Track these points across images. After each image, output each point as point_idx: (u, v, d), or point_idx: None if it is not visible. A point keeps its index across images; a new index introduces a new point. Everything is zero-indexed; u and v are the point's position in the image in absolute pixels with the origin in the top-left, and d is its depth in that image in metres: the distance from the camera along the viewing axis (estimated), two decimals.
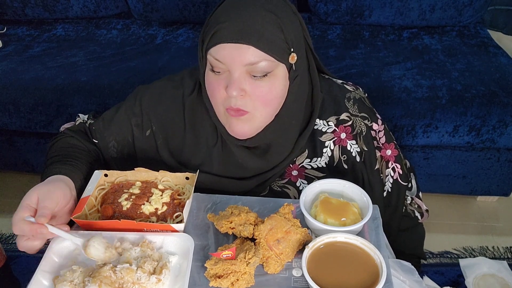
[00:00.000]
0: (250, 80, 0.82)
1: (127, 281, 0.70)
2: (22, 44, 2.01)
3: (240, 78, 0.81)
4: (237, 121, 0.86)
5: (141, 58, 1.87)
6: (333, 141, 0.97)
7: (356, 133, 0.97)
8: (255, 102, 0.83)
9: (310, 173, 0.97)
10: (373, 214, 0.83)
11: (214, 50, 0.81)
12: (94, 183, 0.88)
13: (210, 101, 0.89)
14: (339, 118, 0.97)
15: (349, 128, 0.97)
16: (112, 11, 2.16)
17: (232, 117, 0.85)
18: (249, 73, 0.81)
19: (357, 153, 0.97)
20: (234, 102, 0.83)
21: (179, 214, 0.84)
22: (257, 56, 0.79)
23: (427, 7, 1.96)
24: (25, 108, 1.69)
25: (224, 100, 0.84)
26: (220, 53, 0.80)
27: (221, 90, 0.83)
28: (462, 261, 1.57)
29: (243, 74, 0.81)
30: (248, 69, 0.81)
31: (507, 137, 1.60)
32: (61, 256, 0.77)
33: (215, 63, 0.82)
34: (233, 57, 0.79)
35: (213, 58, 0.81)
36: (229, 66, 0.81)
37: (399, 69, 1.75)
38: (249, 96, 0.82)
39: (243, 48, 0.79)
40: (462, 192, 1.85)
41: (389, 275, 0.73)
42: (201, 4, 2.03)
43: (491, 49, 1.88)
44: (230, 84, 0.81)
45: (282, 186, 0.97)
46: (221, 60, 0.81)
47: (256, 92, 0.82)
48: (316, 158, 0.96)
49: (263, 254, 0.75)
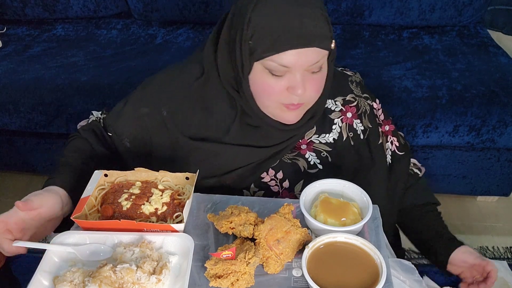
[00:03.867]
0: (309, 76, 0.86)
1: (127, 281, 0.70)
2: (22, 44, 2.00)
3: (303, 77, 0.84)
4: (290, 112, 0.90)
5: (141, 58, 1.87)
6: (341, 119, 1.02)
7: (361, 112, 1.04)
8: (311, 94, 0.89)
9: (318, 147, 1.01)
10: (373, 214, 0.83)
11: (278, 57, 0.81)
12: (94, 183, 0.88)
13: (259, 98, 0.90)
14: (345, 98, 1.03)
15: (354, 108, 1.03)
16: (112, 11, 2.16)
17: (286, 109, 0.90)
18: (307, 70, 0.85)
19: (361, 131, 1.03)
20: (295, 99, 0.87)
21: (179, 214, 0.84)
22: (320, 55, 0.83)
23: (427, 7, 1.96)
24: (25, 108, 1.69)
25: (283, 98, 0.87)
26: (287, 59, 0.81)
27: (280, 90, 0.86)
28: None
29: (303, 73, 0.84)
30: (308, 68, 0.84)
31: (507, 137, 1.60)
32: (61, 256, 0.77)
33: (279, 68, 0.83)
34: (299, 61, 0.82)
35: (277, 64, 0.82)
36: (294, 69, 0.83)
37: (399, 69, 1.75)
38: (307, 90, 0.86)
39: (309, 51, 0.82)
40: (462, 192, 1.85)
41: (389, 275, 0.73)
42: (201, 4, 2.03)
43: (491, 49, 1.88)
44: (295, 85, 0.84)
45: (292, 158, 1.00)
46: (287, 65, 0.82)
47: (313, 85, 0.87)
48: (325, 134, 1.01)
49: (263, 254, 0.75)
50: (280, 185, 1.00)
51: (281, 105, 0.89)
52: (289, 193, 1.00)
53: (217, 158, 0.97)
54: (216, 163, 0.98)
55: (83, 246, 0.78)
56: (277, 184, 1.00)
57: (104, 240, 0.79)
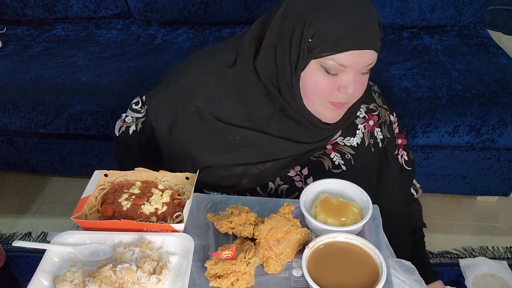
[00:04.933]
0: (359, 76, 0.88)
1: (127, 281, 0.70)
2: (22, 44, 2.00)
3: (355, 77, 0.87)
4: (334, 110, 0.92)
5: (141, 58, 1.87)
6: (364, 126, 1.05)
7: (382, 122, 1.07)
8: (357, 93, 0.91)
9: (343, 148, 1.03)
10: (373, 214, 0.82)
11: (338, 56, 0.83)
12: (94, 183, 0.88)
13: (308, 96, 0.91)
14: (369, 107, 1.06)
15: (375, 117, 1.06)
16: (112, 11, 2.16)
17: (332, 108, 0.91)
18: (360, 71, 0.87)
19: (380, 140, 1.06)
20: (344, 98, 0.89)
21: (179, 214, 0.84)
22: (374, 57, 0.87)
23: (427, 7, 1.96)
24: (25, 108, 1.69)
25: (332, 96, 0.89)
26: (347, 59, 0.83)
27: (332, 89, 0.88)
28: (462, 261, 1.57)
29: (356, 73, 0.87)
30: (362, 68, 0.87)
31: (507, 137, 1.60)
32: (61, 256, 0.77)
33: (336, 67, 0.85)
34: (357, 61, 0.85)
35: (335, 63, 0.84)
36: (349, 69, 0.85)
37: (399, 69, 1.75)
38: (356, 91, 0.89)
39: (367, 53, 0.85)
40: (462, 192, 1.85)
41: (389, 275, 0.73)
42: (201, 4, 2.03)
43: (491, 49, 1.88)
44: (347, 84, 0.86)
45: (318, 156, 1.02)
46: (345, 64, 0.84)
47: (361, 86, 0.90)
48: (350, 137, 1.03)
49: (263, 254, 0.75)
50: (304, 181, 1.01)
51: (327, 103, 0.91)
52: None
53: (254, 147, 0.98)
54: (251, 152, 0.98)
55: (83, 246, 0.78)
56: (301, 180, 1.01)
57: (104, 240, 0.79)
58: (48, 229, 1.83)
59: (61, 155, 1.88)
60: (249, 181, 1.00)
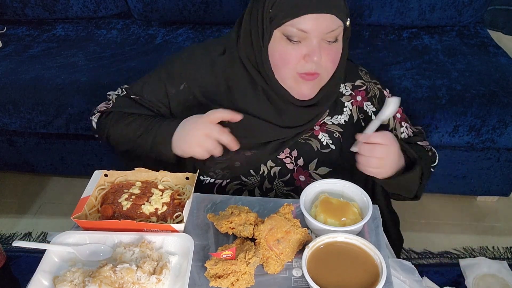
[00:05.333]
0: (324, 45, 0.89)
1: (127, 281, 0.70)
2: (22, 44, 2.00)
3: (319, 45, 0.88)
4: (306, 84, 0.93)
5: (141, 58, 1.87)
6: (351, 102, 1.06)
7: (371, 95, 1.07)
8: (327, 64, 0.92)
9: (331, 127, 1.04)
10: (373, 214, 0.83)
11: (297, 21, 0.86)
12: (94, 183, 0.88)
13: (278, 69, 0.93)
14: (354, 84, 1.07)
15: (363, 92, 1.07)
16: (112, 11, 2.16)
17: (302, 81, 0.92)
18: (323, 39, 0.89)
19: (372, 113, 1.07)
20: (311, 67, 0.90)
21: (179, 214, 0.84)
22: (336, 23, 0.88)
23: (427, 7, 1.96)
24: (25, 108, 1.69)
25: (299, 66, 0.90)
26: (305, 23, 0.86)
27: (297, 58, 0.89)
28: (462, 261, 1.57)
29: (320, 41, 0.88)
30: (325, 35, 0.88)
31: (507, 137, 1.60)
32: (61, 256, 0.77)
33: (296, 33, 0.87)
34: (317, 26, 0.86)
35: (295, 29, 0.86)
36: (310, 35, 0.87)
37: (399, 69, 1.75)
38: (322, 59, 0.90)
39: (326, 17, 0.86)
40: (462, 192, 1.85)
41: (389, 275, 0.73)
42: (201, 4, 2.03)
43: (491, 49, 1.88)
44: (311, 51, 0.88)
45: (306, 138, 1.03)
46: (306, 30, 0.86)
47: (328, 55, 0.91)
48: (337, 115, 1.05)
49: (263, 254, 0.75)
50: (295, 162, 1.03)
51: (297, 76, 0.92)
52: (304, 171, 1.03)
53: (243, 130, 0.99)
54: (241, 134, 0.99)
55: (83, 246, 0.78)
56: (292, 162, 1.03)
57: (104, 240, 0.79)
58: (48, 229, 1.83)
59: (61, 155, 1.88)
60: (242, 164, 1.01)
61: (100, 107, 1.13)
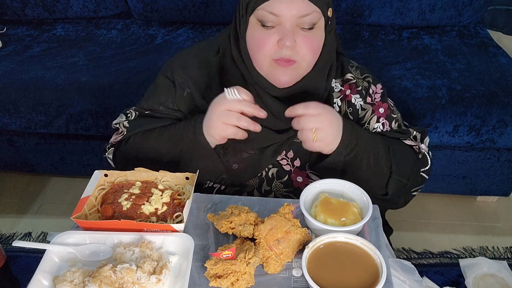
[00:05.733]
0: (300, 32, 0.89)
1: (127, 281, 0.70)
2: (22, 44, 2.00)
3: (293, 29, 0.88)
4: (284, 70, 0.92)
5: (141, 58, 1.87)
6: (340, 98, 1.05)
7: (361, 89, 1.05)
8: (303, 51, 0.90)
9: None
10: (373, 214, 0.83)
11: (268, 5, 0.87)
12: (94, 183, 0.88)
13: (254, 55, 0.93)
14: (344, 78, 1.06)
15: (353, 85, 1.05)
16: (112, 11, 2.16)
17: (279, 67, 0.92)
18: (298, 25, 0.88)
19: (360, 107, 1.05)
20: (285, 53, 0.89)
21: (179, 214, 0.84)
22: (309, 8, 0.87)
23: (427, 7, 1.96)
24: (25, 108, 1.69)
25: (274, 52, 0.90)
26: (276, 6, 0.86)
27: (270, 42, 0.89)
28: (462, 261, 1.57)
29: (294, 26, 0.88)
30: (299, 21, 0.88)
31: (507, 137, 1.60)
32: (61, 256, 0.77)
33: (269, 17, 0.87)
34: (288, 9, 0.86)
35: (267, 13, 0.87)
36: (283, 19, 0.87)
37: (399, 69, 1.75)
38: (298, 46, 0.89)
39: (298, 1, 0.86)
40: (462, 192, 1.85)
41: (389, 275, 0.73)
42: (201, 4, 2.03)
43: (491, 49, 1.88)
44: (284, 36, 0.87)
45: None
46: (277, 13, 0.86)
47: (305, 42, 0.90)
48: None
49: (263, 254, 0.75)
50: (291, 163, 1.02)
51: (272, 63, 0.92)
52: (301, 172, 1.02)
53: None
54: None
55: (83, 246, 0.78)
56: (289, 163, 1.02)
57: (104, 240, 0.79)
58: (48, 229, 1.83)
59: (61, 155, 1.88)
60: (240, 166, 1.01)
61: (114, 139, 1.07)
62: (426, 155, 1.06)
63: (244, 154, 1.02)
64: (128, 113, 1.09)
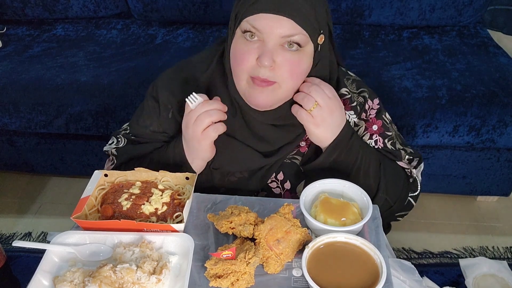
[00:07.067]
0: (282, 52, 0.84)
1: (127, 281, 0.70)
2: (22, 44, 2.00)
3: (274, 48, 0.84)
4: (260, 91, 0.88)
5: (141, 58, 1.87)
6: None
7: (355, 105, 1.00)
8: (283, 73, 0.86)
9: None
10: (373, 214, 0.83)
11: (253, 18, 0.83)
12: (94, 183, 0.88)
13: (233, 69, 0.90)
14: (338, 92, 0.99)
15: (347, 101, 1.00)
16: (112, 11, 2.16)
17: (255, 87, 0.87)
18: (282, 45, 0.84)
19: (354, 123, 1.01)
20: (262, 73, 0.85)
21: (179, 214, 0.84)
22: (294, 29, 0.83)
23: (427, 7, 1.96)
24: (25, 108, 1.69)
25: (252, 68, 0.86)
26: (260, 22, 0.83)
27: (250, 58, 0.85)
28: (462, 261, 1.57)
29: (276, 46, 0.84)
30: (282, 41, 0.84)
31: (507, 137, 1.60)
32: (61, 256, 0.77)
33: (251, 29, 0.84)
34: (272, 27, 0.82)
35: (251, 26, 0.84)
36: (265, 36, 0.83)
37: (399, 69, 1.75)
38: (278, 67, 0.85)
39: (283, 20, 0.82)
40: (462, 192, 1.85)
41: (389, 275, 0.73)
42: (201, 4, 2.03)
43: (491, 49, 1.88)
44: (263, 53, 0.83)
45: (291, 157, 1.00)
46: (260, 29, 0.83)
47: (286, 64, 0.85)
48: None
49: (263, 254, 0.75)
50: (281, 186, 1.00)
51: (250, 80, 0.88)
52: (291, 194, 1.00)
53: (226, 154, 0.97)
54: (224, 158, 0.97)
55: (83, 246, 0.78)
56: (279, 186, 1.00)
57: (104, 240, 0.79)
58: (48, 229, 1.83)
59: (61, 155, 1.88)
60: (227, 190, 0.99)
61: (107, 168, 1.07)
62: (416, 180, 1.05)
63: (232, 178, 0.99)
64: (118, 137, 1.08)
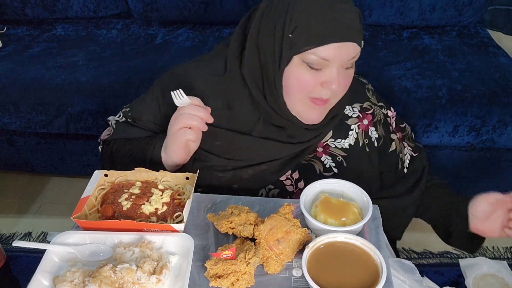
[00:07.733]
0: (344, 73, 0.87)
1: (127, 281, 0.70)
2: (22, 44, 2.00)
3: (338, 72, 0.86)
4: (316, 109, 0.91)
5: (141, 58, 1.87)
6: (358, 125, 1.03)
7: (376, 120, 1.04)
8: (340, 90, 0.89)
9: (334, 151, 1.01)
10: (373, 214, 0.83)
11: (319, 50, 0.83)
12: (94, 183, 0.88)
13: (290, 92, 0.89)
14: (363, 105, 1.04)
15: (370, 116, 1.04)
16: (112, 11, 2.16)
17: (312, 105, 0.90)
18: (343, 66, 0.86)
19: (375, 139, 1.04)
20: (325, 94, 0.87)
21: (179, 214, 0.84)
22: (356, 50, 0.86)
23: (427, 7, 1.96)
24: (25, 108, 1.69)
25: (313, 91, 0.88)
26: (327, 52, 0.83)
27: (316, 84, 0.86)
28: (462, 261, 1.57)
29: (339, 68, 0.86)
30: (346, 64, 0.86)
31: (507, 137, 1.60)
32: (61, 256, 0.77)
33: (319, 61, 0.84)
34: (339, 54, 0.83)
35: (317, 57, 0.83)
36: (332, 63, 0.84)
37: (399, 69, 1.75)
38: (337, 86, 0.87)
39: (349, 46, 0.84)
40: (462, 192, 1.84)
41: (389, 275, 0.73)
42: (201, 4, 2.03)
43: (491, 49, 1.88)
44: (330, 79, 0.85)
45: (309, 160, 1.01)
46: (328, 58, 0.83)
47: (344, 81, 0.88)
48: (341, 139, 1.02)
49: (263, 254, 0.75)
50: (295, 185, 1.00)
51: (308, 100, 0.89)
52: None
53: (241, 150, 0.97)
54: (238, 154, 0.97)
55: (83, 246, 0.78)
56: (292, 184, 1.00)
57: (104, 240, 0.79)
58: (48, 229, 1.83)
59: (61, 155, 1.88)
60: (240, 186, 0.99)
61: (104, 135, 1.12)
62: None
63: (244, 175, 0.99)
64: (123, 112, 1.10)
